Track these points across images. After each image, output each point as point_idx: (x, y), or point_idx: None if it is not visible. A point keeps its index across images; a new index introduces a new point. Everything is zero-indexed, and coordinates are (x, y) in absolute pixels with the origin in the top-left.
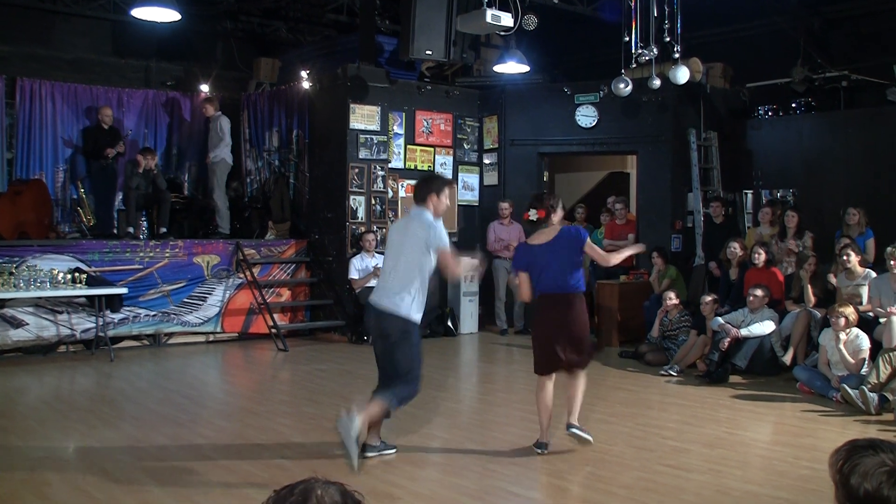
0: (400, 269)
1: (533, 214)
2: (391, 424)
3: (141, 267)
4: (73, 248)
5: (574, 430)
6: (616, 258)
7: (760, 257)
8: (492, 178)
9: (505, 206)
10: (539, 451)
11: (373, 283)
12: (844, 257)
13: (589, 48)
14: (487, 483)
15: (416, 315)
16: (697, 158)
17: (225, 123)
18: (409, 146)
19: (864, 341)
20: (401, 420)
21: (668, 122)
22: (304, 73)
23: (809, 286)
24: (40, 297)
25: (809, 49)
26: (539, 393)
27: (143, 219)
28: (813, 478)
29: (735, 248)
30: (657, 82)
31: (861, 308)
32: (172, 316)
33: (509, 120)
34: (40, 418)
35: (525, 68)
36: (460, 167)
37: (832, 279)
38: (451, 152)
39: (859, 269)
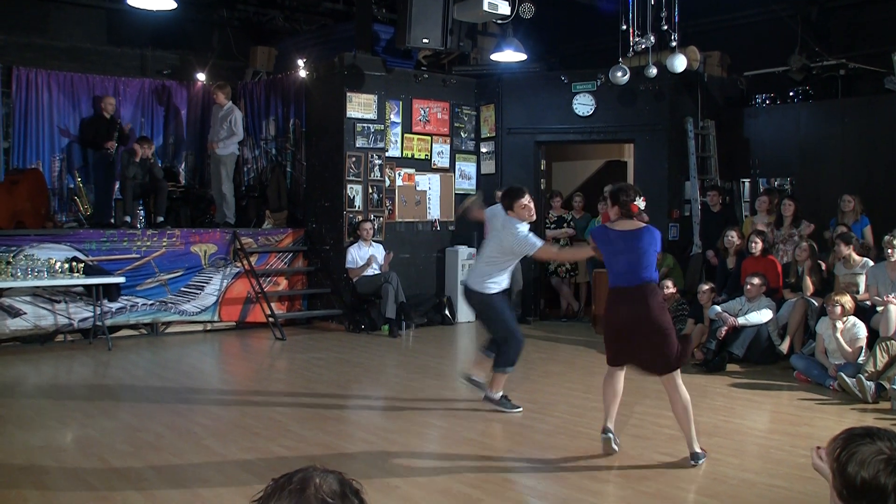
0: (484, 257)
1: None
2: (391, 415)
3: (138, 256)
4: (70, 238)
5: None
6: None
7: (757, 246)
8: (489, 167)
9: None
10: (603, 435)
11: (370, 272)
12: (839, 247)
13: (586, 36)
14: (484, 471)
15: (493, 289)
16: (695, 147)
17: (239, 117)
18: (406, 135)
19: (861, 330)
20: (398, 408)
21: (665, 110)
22: (300, 62)
23: (808, 275)
24: (38, 287)
25: (807, 37)
26: (604, 380)
27: (140, 208)
28: (809, 466)
29: (732, 236)
30: (654, 71)
31: (858, 297)
32: (170, 305)
33: (506, 108)
34: (38, 407)
35: (522, 57)
36: (457, 156)
37: (824, 266)
38: (448, 141)
39: (856, 258)
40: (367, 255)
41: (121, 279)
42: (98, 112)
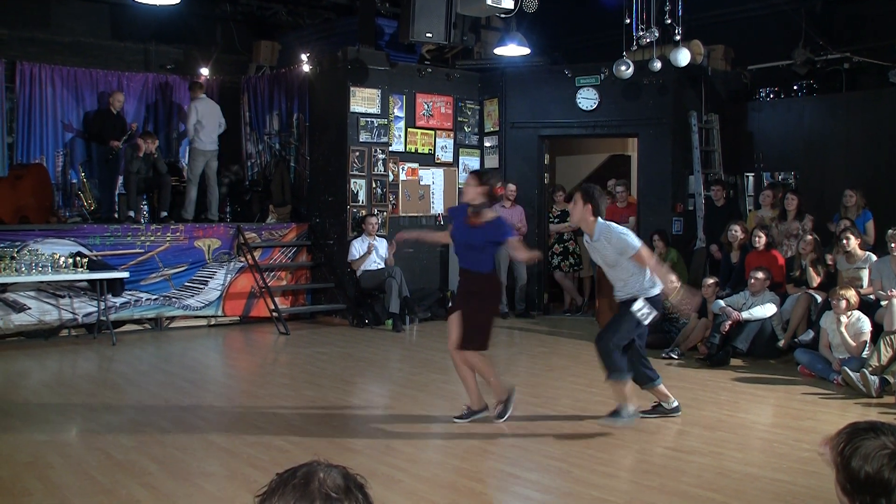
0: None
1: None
2: (395, 409)
3: (142, 251)
4: (74, 233)
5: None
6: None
7: (761, 240)
8: (492, 161)
9: (509, 189)
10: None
11: (373, 266)
12: (844, 241)
13: (590, 30)
14: (488, 465)
15: None
16: (698, 141)
17: (190, 114)
18: (409, 129)
19: (866, 324)
20: (402, 402)
21: (669, 104)
22: (304, 56)
23: (811, 268)
24: (42, 282)
25: (811, 31)
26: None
27: (143, 203)
28: (813, 460)
29: (736, 230)
30: (658, 64)
31: (862, 291)
32: (174, 300)
33: (510, 103)
34: (42, 402)
35: (526, 51)
36: (461, 150)
37: (829, 260)
38: (452, 135)
39: (860, 253)
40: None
41: (125, 274)
42: (105, 107)
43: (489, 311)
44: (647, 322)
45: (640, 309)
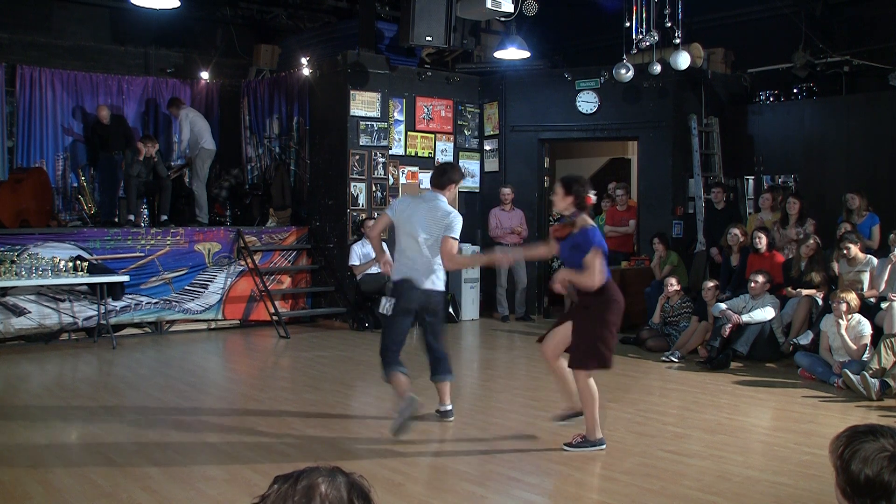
0: (428, 249)
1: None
2: (393, 410)
3: (142, 254)
4: (74, 236)
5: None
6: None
7: (762, 241)
8: (492, 165)
9: (506, 192)
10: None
11: (373, 269)
12: (845, 250)
13: (590, 34)
14: (488, 469)
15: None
16: (699, 144)
17: (183, 124)
18: (409, 133)
19: (866, 327)
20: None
21: (669, 107)
22: (304, 60)
23: (812, 271)
24: (42, 285)
25: (811, 34)
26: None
27: (143, 206)
28: (814, 463)
29: (736, 233)
30: (658, 68)
31: (865, 293)
32: (174, 303)
33: (510, 106)
34: (43, 406)
35: (525, 54)
36: (461, 153)
37: (834, 266)
38: (452, 139)
39: (861, 256)
40: (371, 252)
41: (125, 278)
42: (96, 121)
43: (601, 326)
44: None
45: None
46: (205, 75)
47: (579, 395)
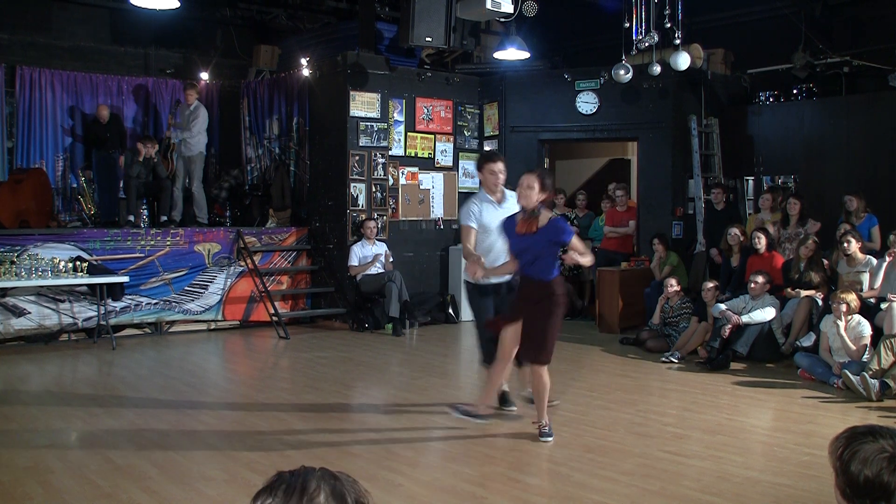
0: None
1: None
2: (395, 413)
3: (142, 255)
4: (73, 237)
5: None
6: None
7: (761, 241)
8: None
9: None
10: None
11: (373, 270)
12: (845, 244)
13: (589, 34)
14: (488, 469)
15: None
16: (698, 145)
17: (203, 117)
18: (409, 133)
19: (866, 328)
20: (402, 406)
21: (668, 108)
22: (303, 61)
23: (809, 270)
24: (42, 286)
25: (811, 34)
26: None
27: (143, 207)
28: (813, 464)
29: (736, 233)
30: (658, 68)
31: (865, 293)
32: (174, 304)
33: (510, 107)
34: (42, 406)
35: (525, 55)
36: (461, 154)
37: (826, 266)
38: (452, 139)
39: (860, 256)
40: (370, 254)
41: (125, 278)
42: (94, 119)
43: (556, 319)
44: None
45: None
46: (205, 76)
47: (537, 387)
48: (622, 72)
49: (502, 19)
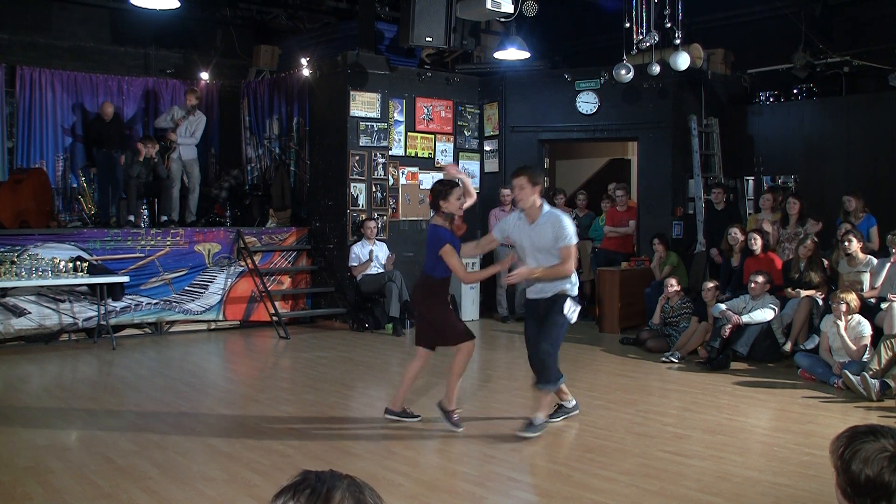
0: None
1: None
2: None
3: (142, 255)
4: (74, 237)
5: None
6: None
7: (757, 243)
8: (492, 165)
9: (507, 193)
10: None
11: (373, 270)
12: (846, 243)
13: (589, 34)
14: (488, 469)
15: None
16: (698, 145)
17: (201, 123)
18: (409, 133)
19: (866, 328)
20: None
21: (668, 108)
22: (303, 61)
23: (809, 270)
24: (42, 286)
25: (811, 35)
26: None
27: (143, 207)
28: (813, 464)
29: (735, 233)
30: (658, 68)
31: (865, 293)
32: (174, 304)
33: (510, 107)
34: (43, 406)
35: (525, 55)
36: (461, 154)
37: (827, 265)
38: (452, 139)
39: (861, 256)
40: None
41: (125, 278)
42: (98, 116)
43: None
44: (573, 321)
45: (571, 309)
46: (205, 76)
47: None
48: (622, 72)
49: (502, 19)
